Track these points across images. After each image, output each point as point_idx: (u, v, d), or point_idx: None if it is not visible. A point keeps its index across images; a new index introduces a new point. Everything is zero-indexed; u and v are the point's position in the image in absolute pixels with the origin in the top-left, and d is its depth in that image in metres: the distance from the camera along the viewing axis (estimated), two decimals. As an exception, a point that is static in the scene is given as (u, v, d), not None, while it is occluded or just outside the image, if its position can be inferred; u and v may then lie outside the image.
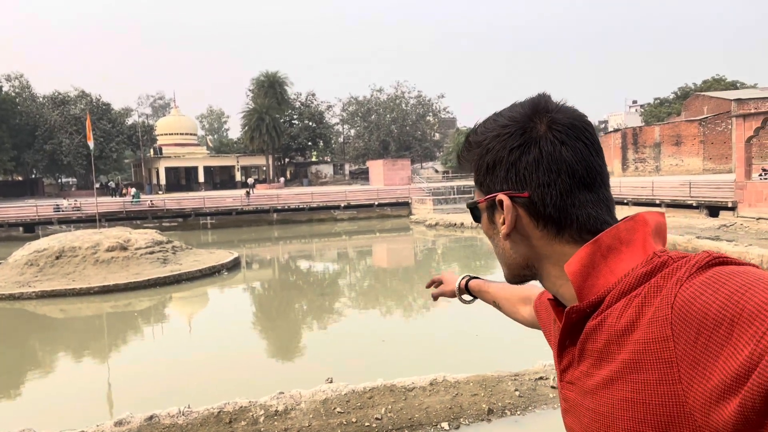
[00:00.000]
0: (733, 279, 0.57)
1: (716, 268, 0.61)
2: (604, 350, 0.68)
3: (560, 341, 0.77)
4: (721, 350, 0.54)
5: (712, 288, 0.58)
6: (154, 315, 12.99)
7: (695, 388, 0.57)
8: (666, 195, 23.89)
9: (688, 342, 0.58)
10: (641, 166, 42.58)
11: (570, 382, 0.75)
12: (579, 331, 0.73)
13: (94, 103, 53.33)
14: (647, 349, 0.62)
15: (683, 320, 0.59)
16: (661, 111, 56.46)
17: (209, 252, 18.60)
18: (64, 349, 10.34)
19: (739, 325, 0.53)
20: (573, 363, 0.74)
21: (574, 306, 0.72)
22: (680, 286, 0.61)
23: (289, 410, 5.16)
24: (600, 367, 0.68)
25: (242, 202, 33.28)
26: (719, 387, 0.54)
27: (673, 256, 0.67)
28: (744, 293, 0.55)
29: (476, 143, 0.80)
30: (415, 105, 60.58)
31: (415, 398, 5.37)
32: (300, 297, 14.74)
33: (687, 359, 0.57)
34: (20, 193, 52.69)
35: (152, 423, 4.94)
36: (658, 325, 0.61)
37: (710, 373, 0.55)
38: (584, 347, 0.72)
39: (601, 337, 0.68)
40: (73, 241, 15.45)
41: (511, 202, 0.76)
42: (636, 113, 75.08)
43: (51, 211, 30.53)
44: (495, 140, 0.77)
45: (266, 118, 51.20)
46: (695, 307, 0.58)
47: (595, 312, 0.71)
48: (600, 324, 0.69)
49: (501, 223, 0.77)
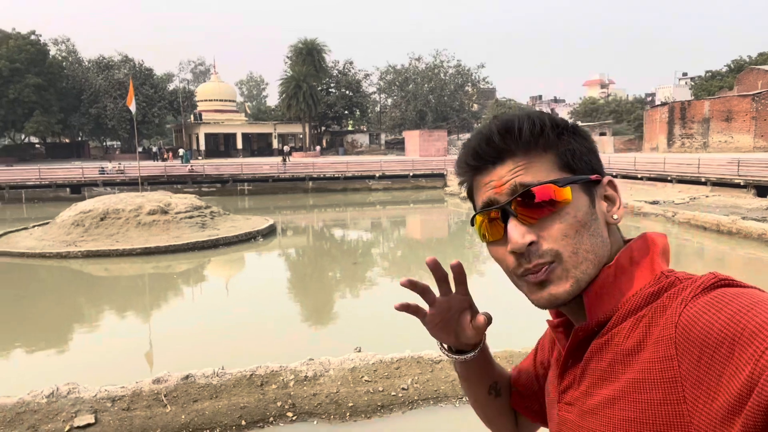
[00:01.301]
0: (736, 300, 0.57)
1: (721, 289, 0.61)
2: (608, 369, 0.68)
3: (564, 361, 0.76)
4: (723, 370, 0.54)
5: (716, 308, 0.58)
6: (192, 277, 13.40)
7: (700, 408, 0.57)
8: (712, 173, 23.00)
9: (691, 361, 0.58)
10: (688, 142, 40.98)
11: (569, 403, 0.74)
12: (583, 350, 0.73)
13: (136, 68, 54.30)
14: (652, 368, 0.62)
15: (687, 340, 0.59)
16: (712, 85, 53.92)
17: (245, 218, 18.97)
18: (107, 307, 10.81)
19: (740, 344, 0.53)
20: (574, 383, 0.74)
21: (582, 324, 0.72)
22: (684, 306, 0.61)
23: (318, 376, 5.30)
24: (602, 386, 0.68)
25: (279, 170, 33.66)
26: (724, 407, 0.54)
27: (680, 277, 0.67)
28: (746, 314, 0.55)
29: (555, 128, 0.75)
30: (454, 75, 59.53)
31: (442, 371, 5.43)
32: (333, 265, 14.95)
33: (691, 379, 0.58)
34: (67, 155, 54.57)
35: (188, 382, 5.16)
36: (663, 344, 0.61)
37: (714, 393, 0.55)
38: (587, 366, 0.71)
39: (607, 356, 0.68)
40: (117, 204, 15.97)
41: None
42: (685, 86, 71.98)
43: (96, 173, 31.55)
44: (577, 129, 0.77)
45: (303, 86, 51.24)
46: (698, 326, 0.58)
47: (601, 331, 0.70)
48: (606, 343, 0.69)
49: (606, 208, 0.75)
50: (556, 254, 0.71)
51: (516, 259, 0.73)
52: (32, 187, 29.51)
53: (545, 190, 0.71)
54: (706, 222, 15.55)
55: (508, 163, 0.74)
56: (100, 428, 4.69)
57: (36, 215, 22.65)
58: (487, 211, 0.75)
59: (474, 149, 0.76)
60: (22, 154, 53.11)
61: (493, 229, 0.75)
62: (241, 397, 5.09)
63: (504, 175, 0.73)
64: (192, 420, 4.87)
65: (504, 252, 0.74)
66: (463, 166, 0.79)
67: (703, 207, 18.22)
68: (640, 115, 53.57)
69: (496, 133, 0.74)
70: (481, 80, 62.19)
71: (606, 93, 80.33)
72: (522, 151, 0.73)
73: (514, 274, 0.75)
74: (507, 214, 0.73)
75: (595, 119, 56.50)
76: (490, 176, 0.75)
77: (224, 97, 61.64)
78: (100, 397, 4.90)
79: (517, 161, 0.73)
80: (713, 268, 4.00)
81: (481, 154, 0.75)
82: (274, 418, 4.98)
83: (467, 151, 0.77)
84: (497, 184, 0.74)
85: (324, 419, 4.97)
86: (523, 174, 0.72)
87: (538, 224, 0.71)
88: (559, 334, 0.81)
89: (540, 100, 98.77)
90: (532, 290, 0.74)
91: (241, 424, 4.89)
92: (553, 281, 0.71)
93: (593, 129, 50.25)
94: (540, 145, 0.73)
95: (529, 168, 0.73)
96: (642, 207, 18.94)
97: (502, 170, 0.74)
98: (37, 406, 4.74)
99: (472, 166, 0.77)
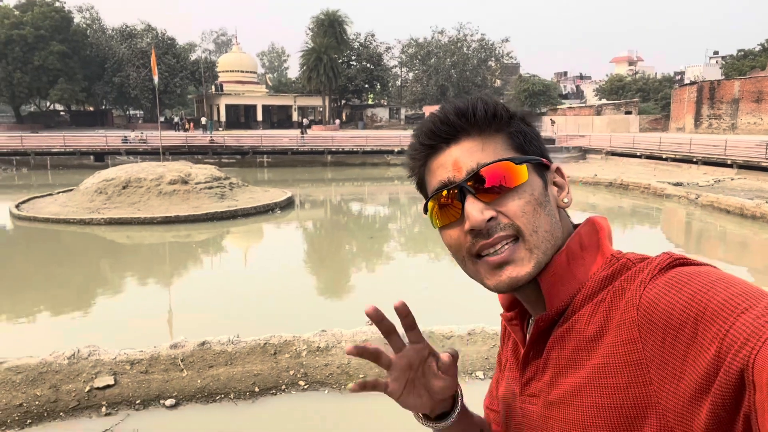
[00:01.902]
0: (695, 279, 0.57)
1: (677, 269, 0.61)
2: (572, 357, 0.67)
3: (525, 353, 0.75)
4: (688, 350, 0.55)
5: (675, 288, 0.58)
6: (211, 247, 13.61)
7: (667, 389, 0.57)
8: (739, 155, 22.44)
9: (655, 343, 0.58)
10: (716, 123, 39.95)
11: (533, 395, 0.74)
12: (544, 340, 0.72)
13: (159, 37, 54.38)
14: (616, 352, 0.62)
15: (649, 322, 0.59)
16: (743, 64, 52.18)
17: (264, 190, 19.11)
18: (128, 273, 11.06)
19: (703, 323, 0.54)
20: (537, 374, 0.73)
21: (542, 315, 0.72)
22: (644, 288, 0.61)
23: (330, 347, 5.39)
24: (567, 375, 0.68)
25: (298, 142, 33.70)
26: (691, 387, 0.54)
27: (632, 258, 0.67)
28: (706, 293, 0.55)
29: (506, 110, 0.76)
30: (477, 49, 58.46)
31: (453, 346, 5.49)
32: (349, 239, 15.04)
33: (656, 360, 0.58)
34: (91, 123, 55.27)
35: (204, 348, 5.29)
36: (626, 327, 0.61)
37: (680, 373, 0.55)
38: (549, 356, 0.71)
39: (570, 344, 0.68)
40: (139, 173, 16.19)
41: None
42: (716, 65, 69.79)
43: (119, 142, 31.94)
44: (525, 115, 0.78)
45: (324, 58, 50.88)
46: (660, 307, 0.58)
47: (561, 319, 0.70)
48: (568, 331, 0.69)
49: (556, 192, 0.76)
50: (518, 229, 0.70)
51: (473, 238, 0.71)
52: (57, 153, 30.00)
53: (502, 167, 0.71)
54: (729, 205, 15.25)
55: (463, 142, 0.73)
56: (118, 389, 4.86)
57: (60, 181, 23.10)
58: (443, 193, 0.74)
59: (430, 129, 0.75)
60: (47, 120, 53.92)
61: (448, 211, 0.74)
62: (255, 364, 5.21)
63: (459, 154, 0.73)
64: (207, 385, 5.01)
65: (459, 233, 0.73)
66: (417, 147, 0.78)
67: (727, 190, 17.85)
68: (667, 94, 52.24)
69: (452, 112, 0.74)
70: (505, 55, 61.03)
71: (634, 70, 78.32)
72: (476, 131, 0.73)
73: (469, 255, 0.73)
74: (464, 194, 0.71)
75: (621, 97, 55.24)
76: (445, 156, 0.74)
77: (245, 69, 61.52)
78: (119, 360, 5.06)
79: (472, 140, 0.73)
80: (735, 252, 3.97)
81: (437, 133, 0.74)
82: (286, 386, 5.09)
83: (422, 131, 0.77)
84: (453, 163, 0.73)
85: (335, 389, 5.08)
86: (479, 153, 0.72)
87: (495, 201, 0.71)
88: (514, 327, 0.81)
89: (565, 76, 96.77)
90: (490, 273, 0.72)
91: (254, 390, 5.02)
92: (515, 262, 0.70)
93: (618, 107, 49.20)
94: (493, 126, 0.74)
95: (484, 148, 0.73)
96: (665, 189, 18.62)
97: (457, 150, 0.73)
98: (59, 366, 4.92)
99: (426, 146, 0.76)
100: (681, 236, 14.95)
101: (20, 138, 30.84)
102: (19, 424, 4.49)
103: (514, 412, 0.79)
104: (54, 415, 4.62)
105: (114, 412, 4.71)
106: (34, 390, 4.71)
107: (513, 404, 0.80)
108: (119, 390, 4.85)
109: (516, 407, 0.78)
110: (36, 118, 55.13)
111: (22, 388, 4.71)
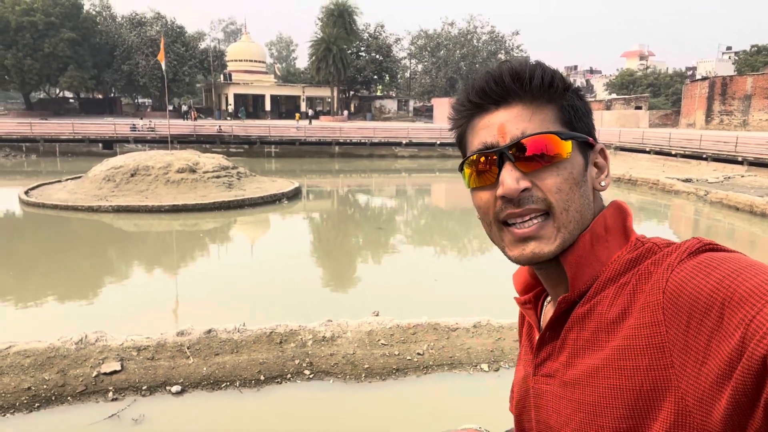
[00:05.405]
0: (724, 264, 0.56)
1: (707, 254, 0.60)
2: (592, 339, 0.67)
3: (542, 333, 0.75)
4: (712, 335, 0.54)
5: (703, 273, 0.57)
6: (218, 236, 13.66)
7: (688, 373, 0.56)
8: (750, 152, 22.21)
9: (680, 327, 0.57)
10: (727, 119, 39.57)
11: (547, 375, 0.73)
12: (562, 322, 0.72)
13: (168, 25, 54.34)
14: (638, 334, 0.61)
15: (674, 305, 0.58)
16: (757, 60, 51.58)
17: (271, 180, 19.13)
18: (135, 261, 11.13)
19: (729, 309, 0.53)
20: (552, 354, 0.73)
21: (565, 296, 0.71)
22: (671, 272, 0.60)
23: (336, 337, 5.41)
24: (585, 356, 0.67)
25: (305, 133, 33.69)
26: (714, 372, 0.54)
27: (658, 243, 0.66)
28: (735, 278, 0.54)
29: (563, 81, 0.73)
30: (488, 41, 58.08)
31: (458, 338, 5.49)
32: (356, 230, 15.06)
33: (679, 344, 0.57)
34: (100, 110, 55.44)
35: (210, 336, 5.32)
36: (650, 310, 0.60)
37: (704, 358, 0.55)
38: (567, 336, 0.70)
39: (590, 326, 0.67)
40: (147, 161, 16.24)
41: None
42: (729, 61, 69.02)
43: (128, 130, 32.02)
44: (580, 91, 0.76)
45: (333, 49, 50.70)
46: (686, 291, 0.57)
47: (581, 300, 0.69)
48: (589, 312, 0.68)
49: (595, 174, 0.74)
50: (549, 205, 0.69)
51: (503, 203, 0.70)
52: (66, 141, 30.12)
53: (547, 139, 0.69)
54: (738, 202, 15.12)
55: (512, 107, 0.71)
56: (125, 375, 4.90)
57: (69, 168, 23.22)
58: (483, 154, 0.72)
59: (481, 87, 0.73)
60: (56, 107, 54.13)
61: (484, 174, 0.73)
62: (261, 353, 5.24)
63: (506, 119, 0.71)
64: (213, 372, 5.04)
65: (490, 196, 0.72)
66: (465, 104, 0.75)
67: (737, 187, 17.70)
68: (678, 89, 51.78)
69: (507, 74, 0.71)
70: (515, 48, 60.61)
71: (645, 65, 77.62)
72: (528, 97, 0.71)
73: (496, 220, 0.72)
74: (503, 159, 0.70)
75: (631, 92, 54.79)
76: (491, 118, 0.72)
77: (254, 58, 61.42)
78: (126, 346, 5.10)
79: (522, 107, 0.71)
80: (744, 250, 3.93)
81: (488, 92, 0.72)
82: (291, 374, 5.12)
83: (472, 88, 0.74)
84: (499, 127, 0.71)
85: (340, 379, 5.10)
86: (527, 122, 0.70)
87: (533, 173, 0.69)
88: (528, 310, 0.81)
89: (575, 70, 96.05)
90: (513, 244, 0.71)
91: (259, 378, 5.05)
92: (541, 238, 0.69)
93: (628, 102, 48.81)
94: (546, 96, 0.71)
95: (533, 117, 0.70)
96: (674, 185, 18.49)
97: (504, 114, 0.71)
98: (67, 351, 4.96)
99: (474, 104, 0.74)
100: (689, 233, 14.85)
101: (30, 125, 30.98)
102: (27, 407, 4.54)
103: (528, 393, 0.79)
104: (61, 399, 4.66)
105: (120, 397, 4.75)
106: (42, 374, 4.76)
107: (526, 385, 0.79)
108: (126, 376, 4.89)
109: (529, 388, 0.78)
110: (45, 105, 55.37)
111: (30, 372, 4.76)
